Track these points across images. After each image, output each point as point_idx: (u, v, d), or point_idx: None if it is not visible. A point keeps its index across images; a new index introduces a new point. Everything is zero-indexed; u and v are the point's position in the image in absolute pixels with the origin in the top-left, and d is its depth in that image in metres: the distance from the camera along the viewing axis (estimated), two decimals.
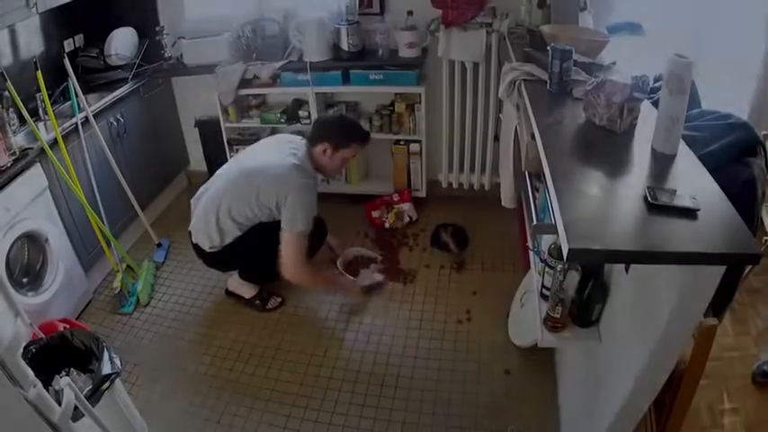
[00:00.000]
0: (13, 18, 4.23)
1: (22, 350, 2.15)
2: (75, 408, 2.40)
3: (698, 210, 1.80)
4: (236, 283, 4.69)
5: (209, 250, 4.25)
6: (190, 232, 4.39)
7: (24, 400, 2.06)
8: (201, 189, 4.46)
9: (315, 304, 4.62)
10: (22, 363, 2.08)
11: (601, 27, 3.84)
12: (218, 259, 4.36)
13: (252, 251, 4.24)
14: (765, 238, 3.43)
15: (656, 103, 2.44)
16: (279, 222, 4.06)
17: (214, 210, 4.14)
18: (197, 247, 4.35)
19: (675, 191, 1.89)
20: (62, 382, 2.44)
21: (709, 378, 2.18)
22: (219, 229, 4.14)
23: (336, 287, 4.58)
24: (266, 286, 4.70)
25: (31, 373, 2.12)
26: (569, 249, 1.75)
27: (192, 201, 4.51)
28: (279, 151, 4.22)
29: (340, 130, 4.31)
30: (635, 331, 2.18)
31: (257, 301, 4.64)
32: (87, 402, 2.58)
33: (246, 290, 4.66)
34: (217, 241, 4.18)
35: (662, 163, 2.19)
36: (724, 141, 2.26)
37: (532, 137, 2.83)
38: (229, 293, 4.74)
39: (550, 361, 3.84)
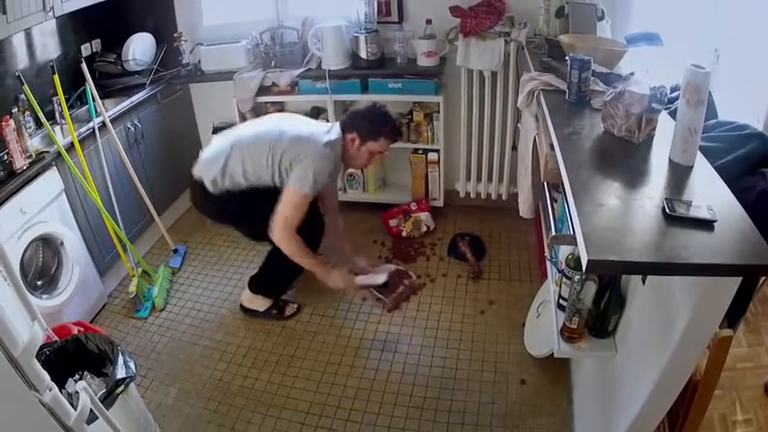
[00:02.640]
0: (30, 22, 4.24)
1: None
2: (90, 411, 2.41)
3: (714, 221, 1.80)
4: (248, 297, 4.67)
5: (212, 190, 4.10)
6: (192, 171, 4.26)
7: (39, 403, 2.07)
8: (221, 135, 4.36)
9: (332, 312, 4.62)
10: (38, 366, 2.08)
11: (618, 36, 3.83)
12: (213, 203, 4.21)
13: (246, 214, 4.20)
14: None
15: (673, 114, 2.43)
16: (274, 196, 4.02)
17: (230, 150, 4.08)
18: (197, 185, 4.20)
19: (692, 202, 1.89)
20: (78, 385, 2.45)
21: (723, 389, 2.17)
22: (224, 170, 4.06)
23: (324, 273, 4.31)
24: (278, 296, 4.70)
25: (47, 376, 2.12)
26: (589, 260, 1.75)
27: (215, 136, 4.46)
28: (321, 127, 4.23)
29: (371, 121, 4.20)
30: (650, 342, 2.17)
31: (274, 311, 4.62)
32: (102, 406, 2.58)
33: (260, 303, 4.64)
34: (219, 178, 4.07)
35: (679, 174, 2.19)
36: (740, 152, 2.25)
37: (551, 147, 2.83)
38: (245, 309, 4.69)
39: (565, 371, 3.83)
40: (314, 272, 4.25)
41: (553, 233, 2.66)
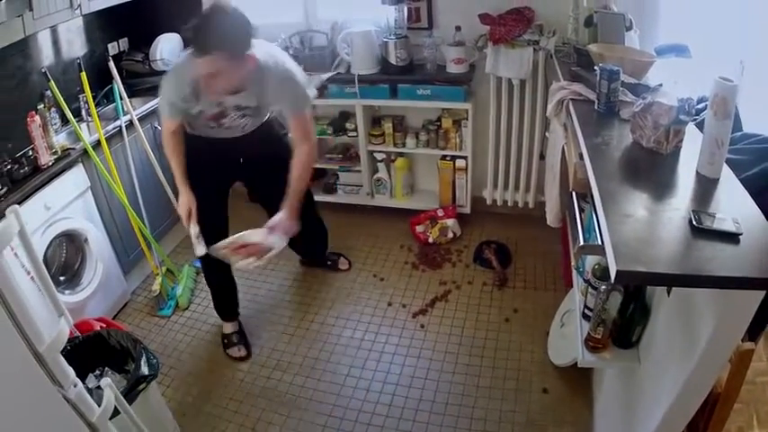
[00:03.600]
0: (57, 19, 4.28)
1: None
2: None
3: (740, 234, 1.80)
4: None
5: None
6: None
7: (63, 399, 2.08)
8: None
9: (356, 316, 4.63)
10: (64, 362, 2.10)
11: (645, 47, 3.82)
12: None
13: None
14: None
15: (699, 125, 2.43)
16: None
17: None
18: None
19: (718, 214, 1.89)
20: (103, 382, 2.46)
21: (741, 402, 2.15)
22: None
23: (178, 179, 3.83)
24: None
25: (72, 372, 2.14)
26: (618, 271, 1.75)
27: None
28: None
29: (194, 33, 3.32)
30: (673, 353, 2.17)
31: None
32: (126, 403, 2.60)
33: None
34: None
35: (706, 186, 2.19)
36: (765, 165, 2.24)
37: (580, 157, 2.83)
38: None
39: (587, 382, 3.81)
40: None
41: (581, 243, 2.66)
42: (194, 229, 3.85)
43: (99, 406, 2.31)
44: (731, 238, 1.81)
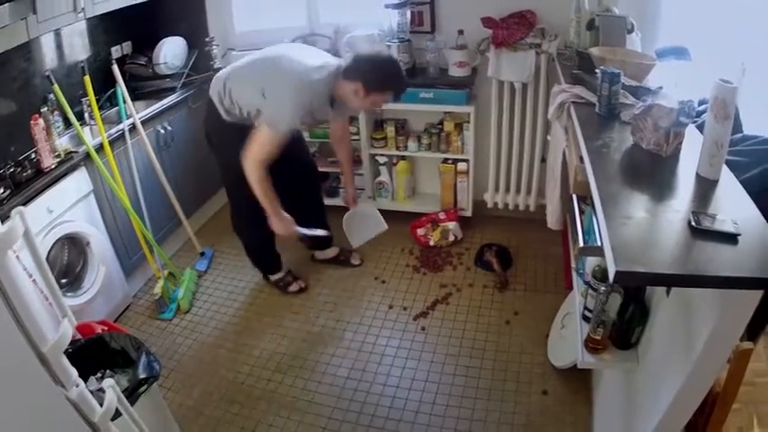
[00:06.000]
0: (61, 22, 4.28)
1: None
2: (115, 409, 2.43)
3: (739, 234, 1.81)
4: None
5: (218, 105, 4.13)
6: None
7: (66, 399, 2.09)
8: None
9: (357, 319, 4.64)
10: (66, 362, 2.11)
11: (647, 50, 3.83)
12: (214, 121, 4.23)
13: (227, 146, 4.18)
14: None
15: (700, 127, 2.44)
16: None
17: (227, 76, 4.11)
18: (211, 105, 4.21)
19: (717, 215, 1.90)
20: (105, 383, 2.47)
21: (740, 402, 2.16)
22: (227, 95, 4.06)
23: (273, 212, 4.19)
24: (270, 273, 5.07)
25: (74, 372, 2.15)
26: (616, 272, 1.76)
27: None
28: (317, 62, 4.00)
29: (377, 73, 3.93)
30: (672, 354, 2.18)
31: (280, 284, 4.99)
32: (128, 404, 2.61)
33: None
34: (226, 103, 4.09)
35: (705, 188, 2.20)
36: (765, 166, 2.25)
37: (581, 159, 2.84)
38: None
39: (587, 383, 3.83)
40: (265, 209, 4.14)
41: (581, 244, 2.67)
42: (303, 231, 4.45)
43: (101, 407, 2.32)
44: (730, 238, 1.82)
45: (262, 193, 4.01)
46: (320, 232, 4.71)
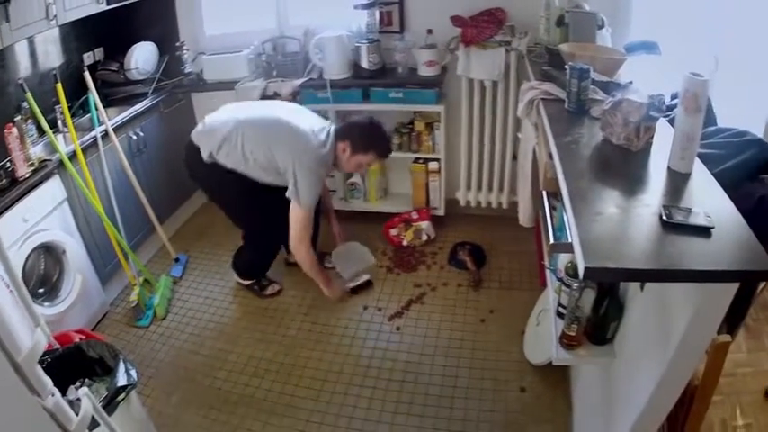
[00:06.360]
0: (33, 30, 4.27)
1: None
2: (92, 418, 2.42)
3: (712, 228, 1.80)
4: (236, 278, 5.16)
5: (206, 158, 4.20)
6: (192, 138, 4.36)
7: (42, 408, 2.08)
8: (229, 106, 4.50)
9: (333, 321, 4.62)
10: (41, 372, 2.09)
11: (619, 45, 3.84)
12: (205, 174, 4.36)
13: (233, 199, 4.45)
14: None
15: (672, 121, 2.44)
16: (275, 196, 4.28)
17: (231, 129, 4.17)
18: (194, 150, 4.28)
19: (690, 209, 1.90)
20: (80, 392, 2.46)
21: (722, 394, 2.18)
22: (224, 143, 4.16)
23: (325, 284, 4.67)
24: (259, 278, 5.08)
25: (49, 381, 2.13)
26: (586, 268, 1.75)
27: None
28: (317, 126, 4.34)
29: (362, 135, 4.35)
30: (649, 348, 2.18)
31: (255, 287, 5.02)
32: (104, 412, 2.59)
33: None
34: (215, 151, 4.18)
35: (677, 181, 2.19)
36: (739, 159, 2.26)
37: (550, 156, 2.84)
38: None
39: (565, 379, 3.83)
40: (316, 281, 4.46)
41: (551, 241, 2.67)
42: (352, 284, 4.91)
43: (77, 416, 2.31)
44: (703, 232, 1.81)
45: (313, 269, 4.53)
46: (365, 278, 4.96)
